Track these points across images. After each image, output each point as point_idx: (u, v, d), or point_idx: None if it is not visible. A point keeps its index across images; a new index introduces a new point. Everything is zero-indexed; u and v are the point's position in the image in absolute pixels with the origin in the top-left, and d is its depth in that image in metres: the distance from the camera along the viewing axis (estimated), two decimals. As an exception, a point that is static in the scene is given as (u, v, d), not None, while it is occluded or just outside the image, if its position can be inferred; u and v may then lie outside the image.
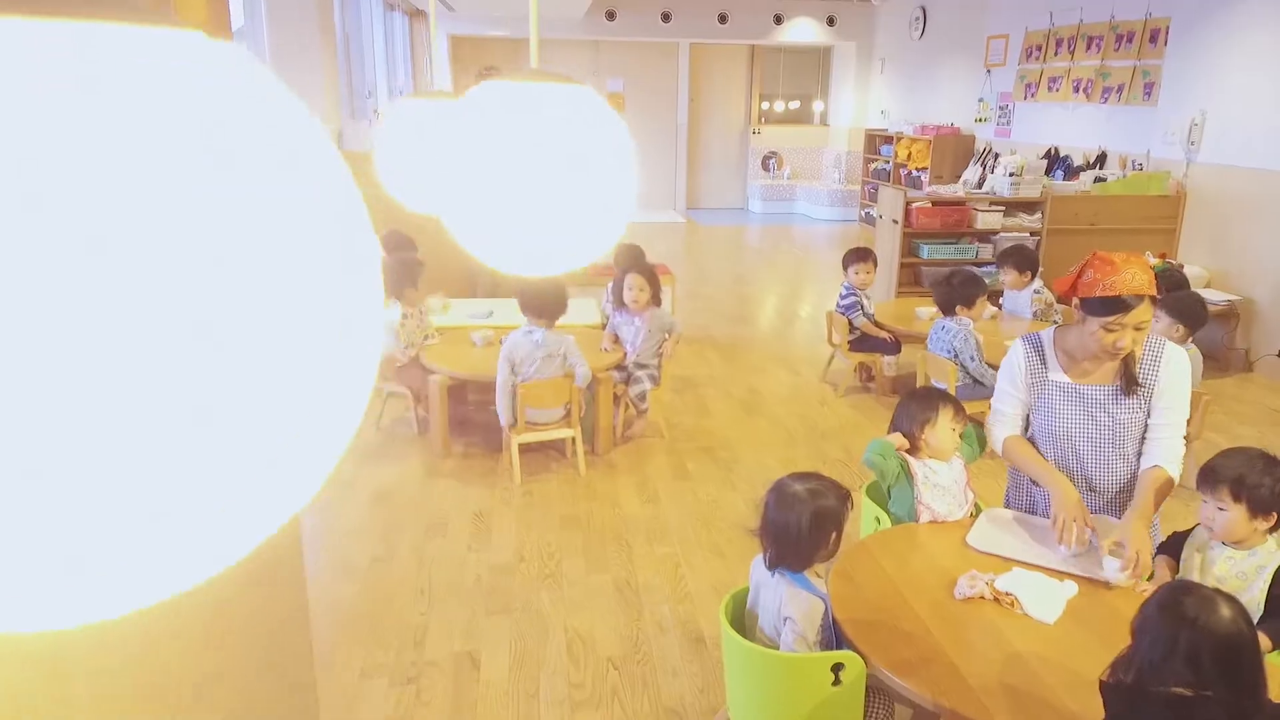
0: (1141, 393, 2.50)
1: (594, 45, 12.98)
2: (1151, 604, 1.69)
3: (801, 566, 2.18)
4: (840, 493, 2.20)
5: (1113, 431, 2.53)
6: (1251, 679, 1.57)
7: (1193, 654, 1.57)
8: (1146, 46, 7.20)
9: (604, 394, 4.28)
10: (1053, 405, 2.57)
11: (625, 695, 2.64)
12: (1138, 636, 1.67)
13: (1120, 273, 2.30)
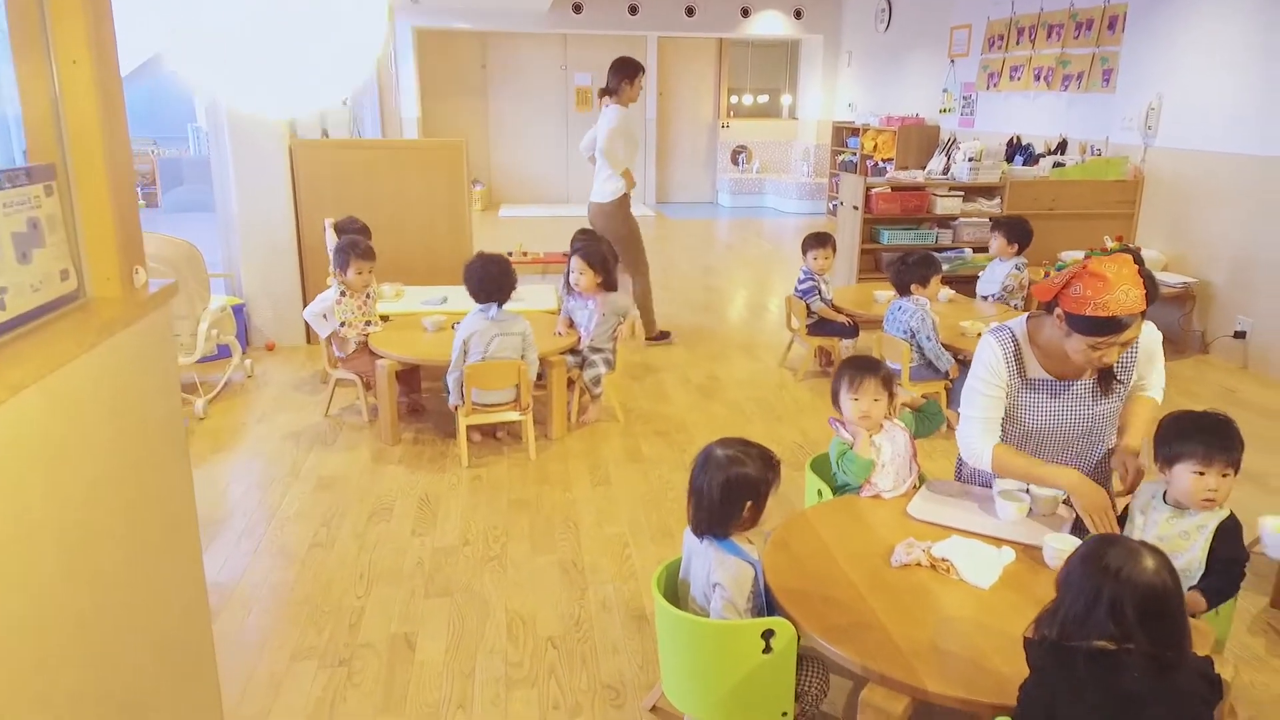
0: (1118, 385, 2.47)
1: (561, 39, 12.92)
2: (1076, 556, 1.66)
3: (724, 533, 2.14)
4: (762, 463, 2.15)
5: (1091, 423, 2.50)
6: (1174, 631, 1.54)
7: (1115, 606, 1.55)
8: (1105, 33, 7.24)
9: (557, 378, 4.23)
10: (1031, 403, 2.49)
11: (563, 672, 2.59)
12: (1061, 589, 1.64)
13: (1113, 290, 2.16)
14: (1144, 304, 2.21)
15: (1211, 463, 2.14)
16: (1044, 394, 2.48)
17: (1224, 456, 2.14)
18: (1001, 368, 2.46)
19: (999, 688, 1.80)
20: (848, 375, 2.66)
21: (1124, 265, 2.22)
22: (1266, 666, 2.69)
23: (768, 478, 2.14)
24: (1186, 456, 2.18)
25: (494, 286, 3.87)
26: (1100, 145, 7.05)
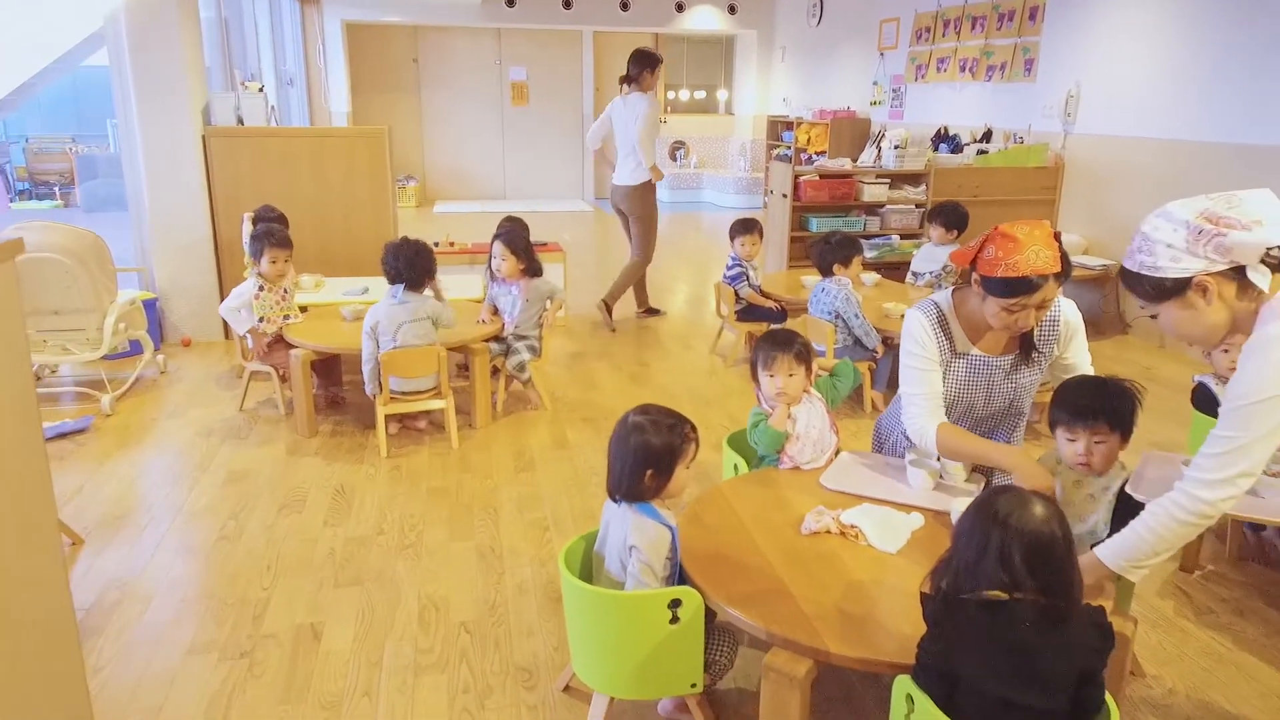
0: (1039, 357, 2.48)
1: (495, 33, 12.79)
2: (970, 507, 1.66)
3: (634, 498, 2.10)
4: (672, 434, 2.10)
5: (1013, 395, 2.51)
6: (1063, 580, 1.54)
7: (1004, 553, 1.54)
8: (1026, 24, 7.37)
9: (480, 366, 4.15)
10: (957, 375, 2.49)
11: (475, 657, 2.52)
12: (954, 539, 1.64)
13: (1023, 250, 2.17)
14: (1057, 265, 2.21)
15: (1077, 428, 2.16)
16: (967, 365, 2.48)
17: (1089, 422, 2.13)
18: (930, 340, 2.45)
19: (901, 647, 1.78)
20: (762, 352, 2.64)
21: (1036, 228, 2.24)
22: (1174, 627, 2.73)
23: (672, 446, 2.10)
24: (1059, 422, 2.21)
25: (403, 265, 3.76)
26: (1023, 133, 7.19)
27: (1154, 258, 1.75)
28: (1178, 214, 1.74)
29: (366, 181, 5.66)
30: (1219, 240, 1.68)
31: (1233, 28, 5.38)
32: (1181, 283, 1.73)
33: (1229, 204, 1.69)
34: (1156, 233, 1.75)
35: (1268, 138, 5.14)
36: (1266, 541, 3.17)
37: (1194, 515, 1.74)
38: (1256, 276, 1.68)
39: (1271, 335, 1.64)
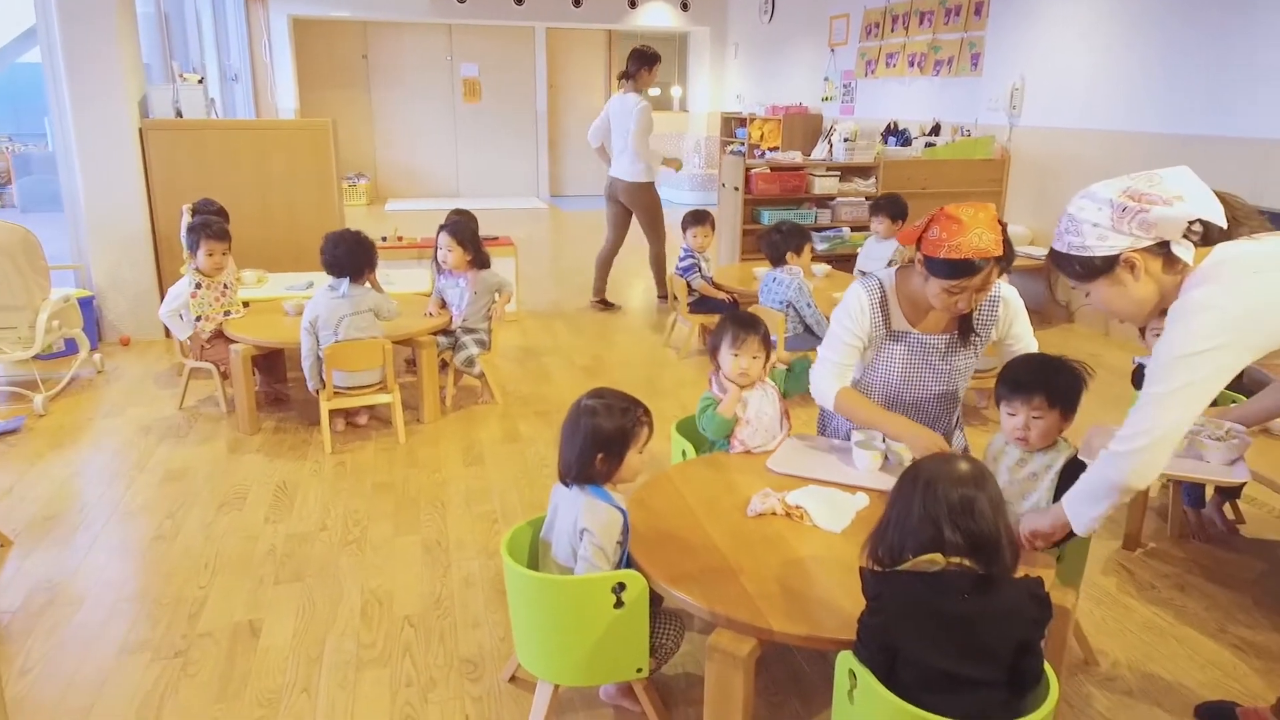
0: (976, 340, 2.48)
1: (446, 29, 12.66)
2: (901, 475, 1.66)
3: (586, 481, 2.07)
4: (624, 417, 2.07)
5: (949, 378, 2.51)
6: (991, 543, 1.54)
7: (932, 515, 1.55)
8: (971, 19, 7.47)
9: (427, 359, 4.08)
10: (893, 353, 2.50)
11: (418, 650, 2.47)
12: (888, 506, 1.64)
13: (966, 233, 2.19)
14: (999, 249, 2.23)
15: (1015, 401, 2.17)
16: (905, 345, 2.49)
17: (1027, 396, 2.14)
18: (864, 317, 2.46)
19: (844, 623, 1.77)
20: (731, 331, 2.62)
21: (980, 211, 2.25)
22: (1117, 603, 2.77)
23: (624, 430, 2.06)
24: (1001, 397, 2.23)
25: (343, 256, 3.68)
26: (970, 127, 7.28)
27: (1081, 237, 1.77)
28: (1101, 193, 1.76)
29: (311, 175, 5.55)
30: (1142, 216, 1.70)
31: (1171, 21, 5.49)
32: (1110, 260, 1.75)
33: (1150, 182, 1.73)
34: (1082, 213, 1.78)
35: (1205, 128, 5.26)
36: (1206, 519, 3.23)
37: (1118, 471, 1.77)
38: (1180, 250, 1.72)
39: (1194, 300, 1.67)
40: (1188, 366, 1.66)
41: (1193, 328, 1.65)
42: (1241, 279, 1.65)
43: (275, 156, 5.48)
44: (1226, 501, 3.26)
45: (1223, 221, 1.72)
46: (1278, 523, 3.31)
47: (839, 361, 2.49)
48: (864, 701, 1.61)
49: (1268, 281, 1.63)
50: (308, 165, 5.55)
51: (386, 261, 5.54)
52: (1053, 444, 2.20)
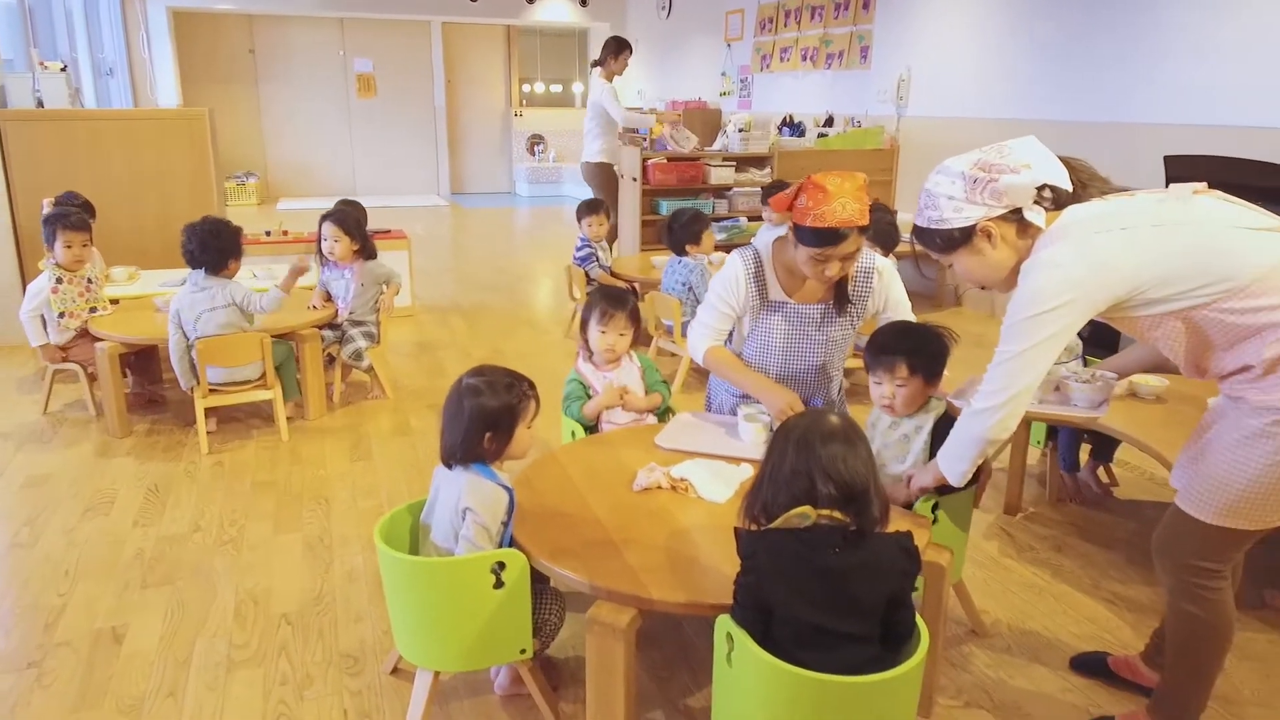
0: (852, 310, 2.51)
1: (338, 23, 12.31)
2: (776, 431, 1.67)
3: (472, 461, 2.00)
4: (510, 393, 2.01)
5: (826, 348, 2.53)
6: (860, 495, 1.55)
7: (804, 469, 1.56)
8: (860, 13, 7.65)
9: (311, 354, 3.93)
10: (770, 324, 2.52)
11: (295, 648, 2.36)
12: (762, 464, 1.64)
13: (831, 202, 2.23)
14: (864, 219, 2.27)
15: (879, 370, 2.22)
16: (782, 315, 2.51)
17: (890, 363, 2.19)
18: (740, 286, 2.49)
19: (725, 589, 1.74)
20: (599, 307, 2.61)
21: (847, 180, 2.28)
22: (998, 566, 2.85)
23: (511, 406, 2.00)
24: (868, 366, 2.28)
25: (197, 248, 3.50)
26: (861, 118, 7.45)
27: (939, 211, 1.83)
28: (954, 167, 1.83)
29: (186, 168, 5.29)
30: (993, 186, 1.77)
31: (1050, 12, 5.72)
32: (967, 231, 1.81)
33: (999, 153, 1.80)
34: (938, 188, 1.84)
35: (1082, 114, 5.49)
36: (1082, 482, 3.36)
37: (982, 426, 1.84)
38: (1033, 216, 1.79)
39: (1041, 259, 1.74)
40: (1037, 325, 1.72)
41: (1039, 286, 1.72)
42: (1086, 239, 1.71)
43: (147, 149, 5.21)
44: (1100, 465, 3.40)
45: (1069, 185, 1.79)
46: (1149, 484, 3.46)
47: (713, 325, 2.55)
48: (741, 663, 1.60)
49: (1110, 240, 1.70)
50: (183, 158, 5.29)
51: (271, 256, 5.35)
52: (922, 406, 2.24)
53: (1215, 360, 1.73)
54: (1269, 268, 1.62)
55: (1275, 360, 1.63)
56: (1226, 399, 1.78)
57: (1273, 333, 1.62)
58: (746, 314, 2.53)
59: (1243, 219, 1.70)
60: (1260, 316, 1.62)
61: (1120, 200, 1.78)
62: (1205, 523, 1.78)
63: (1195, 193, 1.74)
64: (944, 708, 2.15)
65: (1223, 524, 1.76)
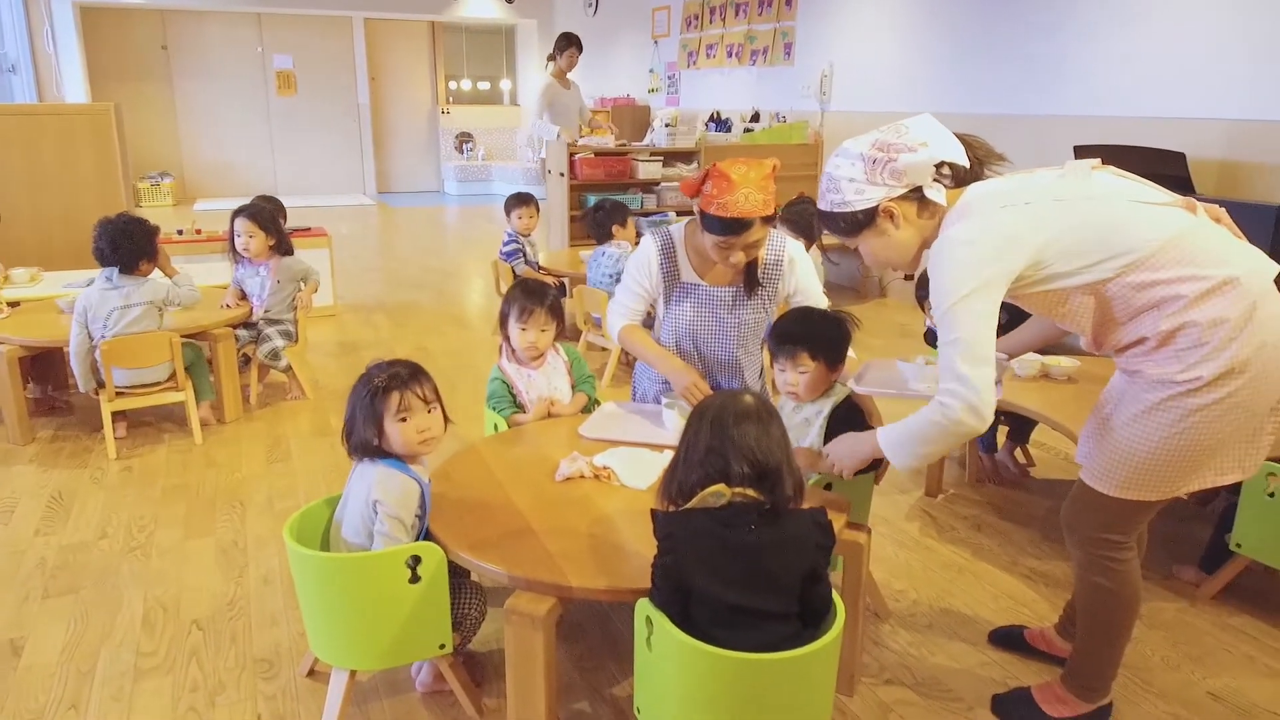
0: (764, 293, 2.51)
1: (255, 18, 11.97)
2: (691, 412, 1.66)
3: (363, 454, 1.95)
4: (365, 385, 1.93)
5: (738, 331, 2.53)
6: (773, 472, 1.56)
7: (718, 447, 1.56)
8: (783, 9, 7.73)
9: (225, 354, 3.80)
10: (683, 305, 2.52)
11: (207, 654, 2.27)
12: (678, 446, 1.63)
13: (735, 192, 2.22)
14: (767, 209, 2.27)
15: (782, 357, 2.23)
16: (694, 298, 2.51)
17: (791, 351, 2.20)
18: (653, 266, 2.49)
19: (645, 574, 1.73)
20: (518, 303, 2.57)
21: (753, 169, 2.28)
22: (920, 546, 2.90)
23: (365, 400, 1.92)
24: (771, 354, 2.29)
25: (107, 246, 3.36)
26: (786, 114, 7.54)
27: (841, 194, 1.82)
28: (853, 149, 1.82)
29: (91, 165, 5.08)
30: (892, 165, 1.77)
31: (967, 8, 5.85)
32: (870, 212, 1.81)
33: (897, 132, 1.80)
34: (839, 170, 1.83)
35: (1000, 108, 5.63)
36: (1000, 463, 3.44)
37: (956, 417, 1.72)
38: (933, 194, 1.80)
39: (951, 236, 1.75)
40: (965, 308, 1.69)
41: (955, 267, 1.71)
42: (991, 214, 1.73)
43: (49, 146, 4.99)
44: (1017, 446, 3.49)
45: (966, 161, 1.80)
46: (1064, 464, 3.56)
47: (629, 305, 2.57)
48: (660, 645, 1.58)
49: (1016, 214, 1.72)
50: (88, 155, 5.08)
51: (185, 256, 5.17)
52: (825, 391, 2.25)
53: (1114, 333, 1.77)
54: (1168, 239, 1.66)
55: (1170, 333, 1.67)
56: (1123, 374, 1.82)
57: (1171, 305, 1.66)
58: (660, 296, 2.53)
59: (1140, 194, 1.75)
60: (1160, 290, 1.66)
61: (1021, 177, 1.82)
62: (1110, 496, 1.82)
63: (1093, 169, 1.79)
64: (866, 685, 2.17)
65: (1126, 496, 1.80)
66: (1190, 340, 1.65)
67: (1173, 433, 1.70)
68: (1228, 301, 1.63)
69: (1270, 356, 1.65)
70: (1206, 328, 1.63)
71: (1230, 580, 2.54)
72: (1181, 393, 1.68)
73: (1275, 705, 2.12)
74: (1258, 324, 1.63)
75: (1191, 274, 1.64)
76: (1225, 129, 4.39)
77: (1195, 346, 1.65)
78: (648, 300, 2.54)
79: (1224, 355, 1.63)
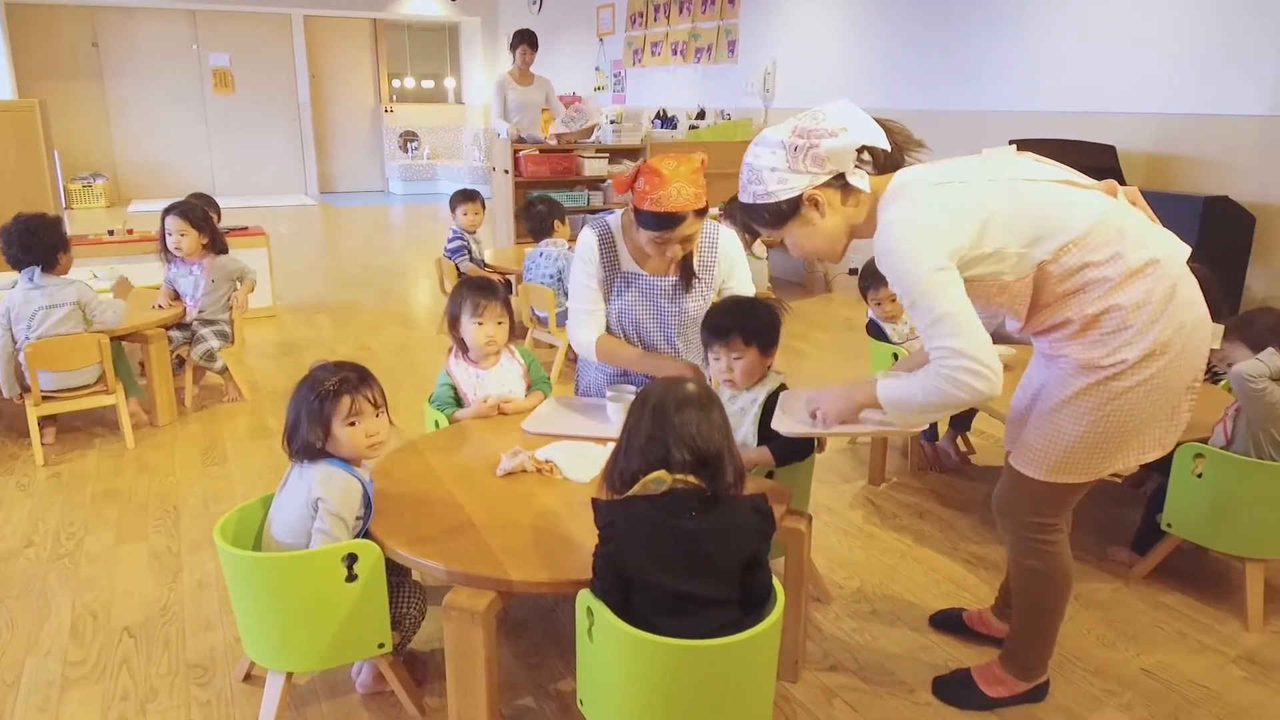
0: (701, 284, 2.50)
1: (189, 15, 11.68)
2: (633, 400, 1.65)
3: (305, 456, 1.90)
4: (311, 390, 1.89)
5: (679, 320, 2.52)
6: (714, 459, 1.56)
7: (659, 434, 1.56)
8: (726, 7, 7.78)
9: (158, 355, 3.69)
10: (625, 296, 2.50)
11: (138, 661, 2.20)
12: (620, 434, 1.63)
13: (667, 187, 2.22)
14: (699, 203, 2.27)
15: (716, 345, 2.23)
16: (636, 289, 2.50)
17: (724, 339, 2.21)
18: (594, 255, 2.47)
19: (587, 566, 1.72)
20: (470, 299, 2.52)
21: (683, 164, 2.28)
22: (863, 533, 2.93)
23: (311, 404, 1.88)
24: (704, 343, 2.29)
25: (18, 247, 3.24)
26: (730, 110, 7.58)
27: (764, 185, 1.78)
28: (773, 137, 1.78)
29: (13, 165, 4.91)
30: (814, 152, 1.73)
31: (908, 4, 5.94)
32: (794, 202, 1.77)
33: (815, 118, 1.76)
34: (759, 160, 1.78)
35: (941, 104, 5.73)
36: (942, 451, 3.49)
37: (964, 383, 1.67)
38: (856, 180, 1.77)
39: (892, 218, 1.73)
40: (934, 286, 1.65)
41: (909, 248, 1.67)
42: (928, 191, 1.72)
43: (-33, 143, 4.81)
44: (958, 435, 3.54)
45: (887, 145, 1.78)
46: (1003, 451, 3.62)
47: (588, 309, 2.50)
48: (601, 635, 1.57)
49: (953, 190, 1.71)
50: (11, 154, 4.90)
51: (117, 257, 5.03)
52: (760, 379, 2.26)
53: (1037, 316, 1.77)
54: (1097, 220, 1.67)
55: (1095, 316, 1.69)
56: (1045, 358, 1.84)
57: (1098, 288, 1.67)
58: (603, 287, 2.51)
59: (1063, 176, 1.77)
60: (1090, 272, 1.67)
61: (948, 161, 1.81)
62: (1039, 480, 1.84)
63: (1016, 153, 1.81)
64: (809, 671, 2.18)
65: (1055, 480, 1.82)
66: (1115, 323, 1.68)
67: (1099, 416, 1.73)
68: (1150, 283, 1.66)
69: (1188, 336, 1.69)
70: (1130, 310, 1.66)
71: (1162, 560, 2.61)
72: (1107, 377, 1.70)
73: (1205, 679, 2.18)
74: (1177, 305, 1.67)
75: (1117, 256, 1.66)
76: (1154, 123, 4.52)
77: (1120, 330, 1.68)
78: (602, 292, 2.50)
79: (1147, 337, 1.66)
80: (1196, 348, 1.72)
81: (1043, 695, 2.08)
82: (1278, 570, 2.63)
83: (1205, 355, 1.76)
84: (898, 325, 3.48)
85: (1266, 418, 2.31)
